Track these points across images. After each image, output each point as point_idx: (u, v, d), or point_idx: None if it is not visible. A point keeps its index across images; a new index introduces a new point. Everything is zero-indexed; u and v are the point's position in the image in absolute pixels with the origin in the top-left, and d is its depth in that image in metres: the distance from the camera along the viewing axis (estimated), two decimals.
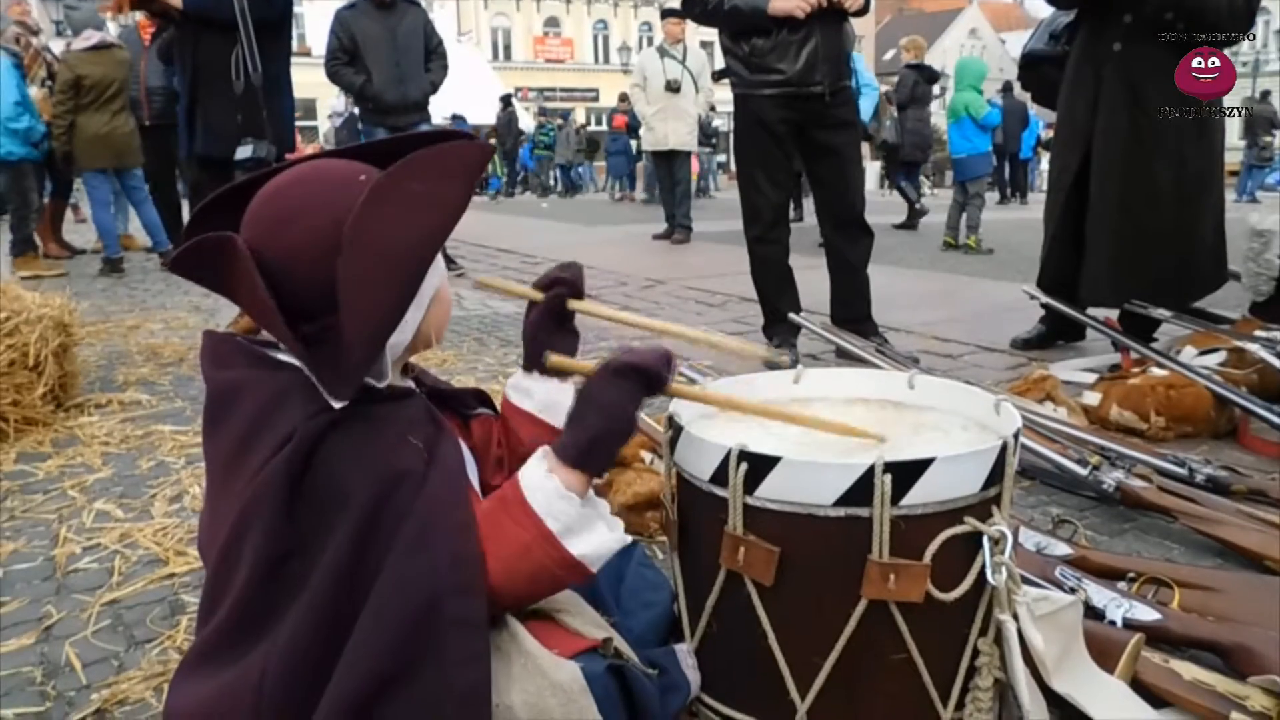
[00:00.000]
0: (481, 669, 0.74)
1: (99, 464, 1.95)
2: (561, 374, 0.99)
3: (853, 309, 2.67)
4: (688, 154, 6.35)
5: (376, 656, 0.72)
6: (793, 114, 2.50)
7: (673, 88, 6.04)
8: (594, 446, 0.81)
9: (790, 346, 2.66)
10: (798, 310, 2.56)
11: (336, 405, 0.75)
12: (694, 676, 0.94)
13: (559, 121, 16.05)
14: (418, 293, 0.79)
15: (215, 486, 0.83)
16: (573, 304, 0.99)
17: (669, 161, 6.25)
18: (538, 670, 0.78)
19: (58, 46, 5.69)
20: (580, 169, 16.48)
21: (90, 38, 4.77)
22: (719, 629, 0.92)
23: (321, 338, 0.76)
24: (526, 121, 16.22)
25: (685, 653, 0.95)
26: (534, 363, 1.00)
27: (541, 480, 0.80)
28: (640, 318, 1.06)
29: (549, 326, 0.99)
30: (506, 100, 13.78)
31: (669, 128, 6.08)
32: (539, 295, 0.99)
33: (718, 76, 3.32)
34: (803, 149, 2.59)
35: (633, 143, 11.58)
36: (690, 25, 5.25)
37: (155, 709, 1.06)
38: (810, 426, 0.93)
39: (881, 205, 7.29)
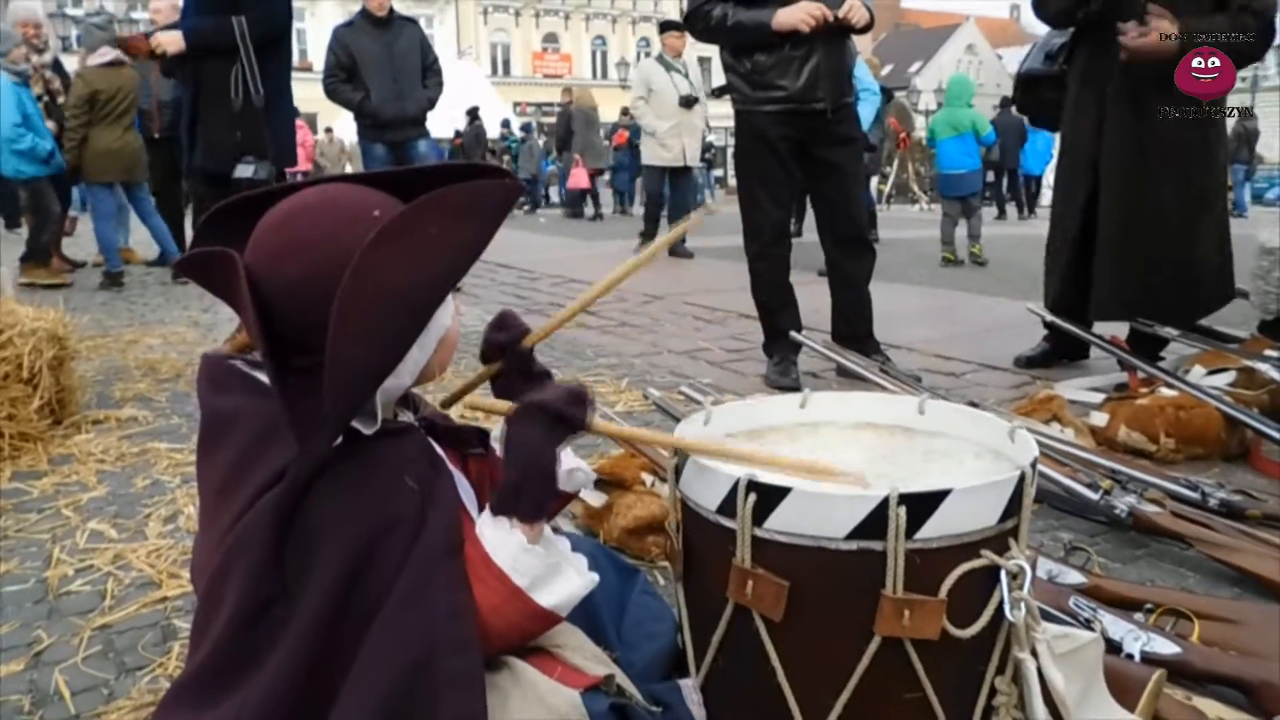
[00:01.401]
0: None
1: (94, 482, 1.93)
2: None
3: (854, 326, 2.65)
4: (691, 170, 6.34)
5: (370, 714, 0.69)
6: (794, 131, 2.49)
7: (687, 103, 6.02)
8: (518, 493, 0.79)
9: (791, 364, 2.64)
10: (798, 327, 2.54)
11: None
12: (699, 714, 0.91)
13: (521, 134, 15.61)
14: (420, 337, 0.76)
15: (207, 515, 0.81)
16: (529, 342, 0.93)
17: (675, 178, 6.20)
18: (536, 699, 0.76)
19: (68, 62, 5.76)
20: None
21: (105, 54, 4.87)
22: (726, 665, 0.89)
23: (313, 373, 0.72)
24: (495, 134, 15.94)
25: (690, 688, 0.92)
26: None
27: (505, 536, 0.78)
28: (583, 296, 0.97)
29: (520, 383, 0.93)
30: (474, 113, 13.52)
31: (684, 143, 6.05)
32: (495, 368, 0.93)
33: (718, 93, 3.30)
34: (804, 165, 2.58)
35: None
36: (688, 38, 5.24)
37: None
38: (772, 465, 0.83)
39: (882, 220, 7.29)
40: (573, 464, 0.92)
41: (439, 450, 0.86)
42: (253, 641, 0.71)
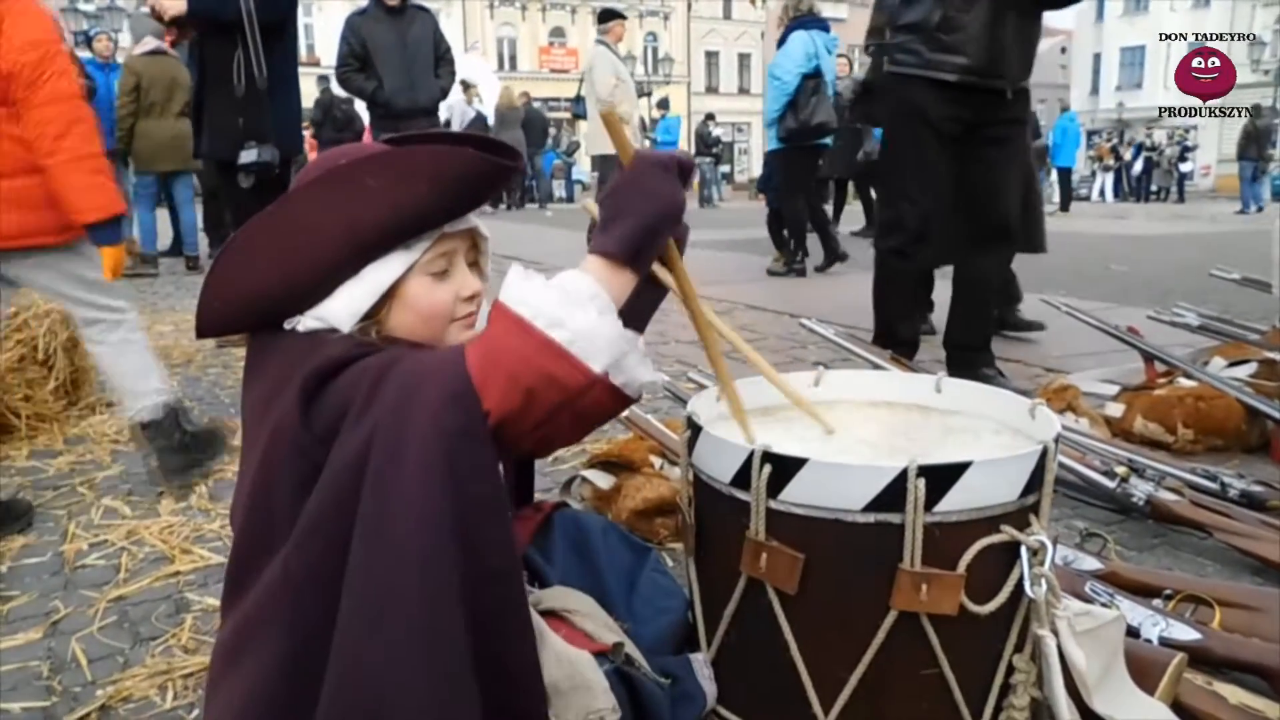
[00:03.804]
0: (502, 523, 0.70)
1: (108, 461, 1.95)
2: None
3: (970, 334, 2.27)
4: None
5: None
6: (964, 111, 2.10)
7: (640, 93, 6.04)
8: (646, 235, 0.74)
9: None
10: (914, 345, 2.26)
11: None
12: (710, 687, 0.90)
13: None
14: (349, 284, 0.78)
15: (246, 444, 0.82)
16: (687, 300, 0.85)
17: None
18: (554, 656, 0.77)
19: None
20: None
21: (149, 44, 4.95)
22: (738, 638, 0.88)
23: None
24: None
25: (701, 662, 0.91)
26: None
27: (521, 281, 0.71)
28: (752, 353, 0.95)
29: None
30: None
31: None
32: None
33: (877, 50, 2.75)
34: (962, 147, 2.17)
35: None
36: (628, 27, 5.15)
37: (159, 707, 1.05)
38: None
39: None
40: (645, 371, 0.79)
41: None
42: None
